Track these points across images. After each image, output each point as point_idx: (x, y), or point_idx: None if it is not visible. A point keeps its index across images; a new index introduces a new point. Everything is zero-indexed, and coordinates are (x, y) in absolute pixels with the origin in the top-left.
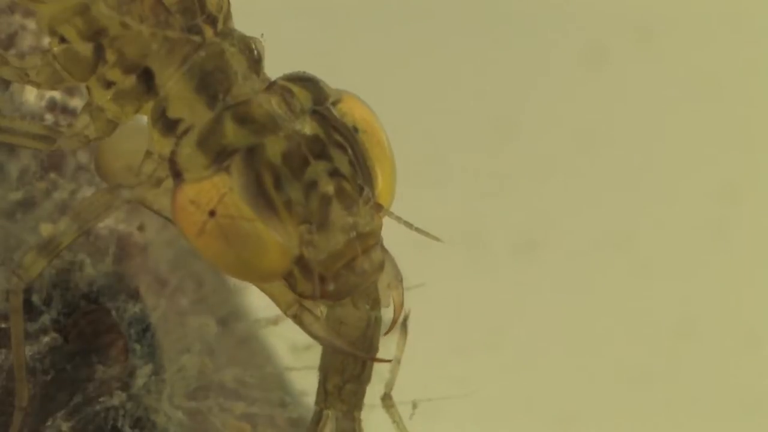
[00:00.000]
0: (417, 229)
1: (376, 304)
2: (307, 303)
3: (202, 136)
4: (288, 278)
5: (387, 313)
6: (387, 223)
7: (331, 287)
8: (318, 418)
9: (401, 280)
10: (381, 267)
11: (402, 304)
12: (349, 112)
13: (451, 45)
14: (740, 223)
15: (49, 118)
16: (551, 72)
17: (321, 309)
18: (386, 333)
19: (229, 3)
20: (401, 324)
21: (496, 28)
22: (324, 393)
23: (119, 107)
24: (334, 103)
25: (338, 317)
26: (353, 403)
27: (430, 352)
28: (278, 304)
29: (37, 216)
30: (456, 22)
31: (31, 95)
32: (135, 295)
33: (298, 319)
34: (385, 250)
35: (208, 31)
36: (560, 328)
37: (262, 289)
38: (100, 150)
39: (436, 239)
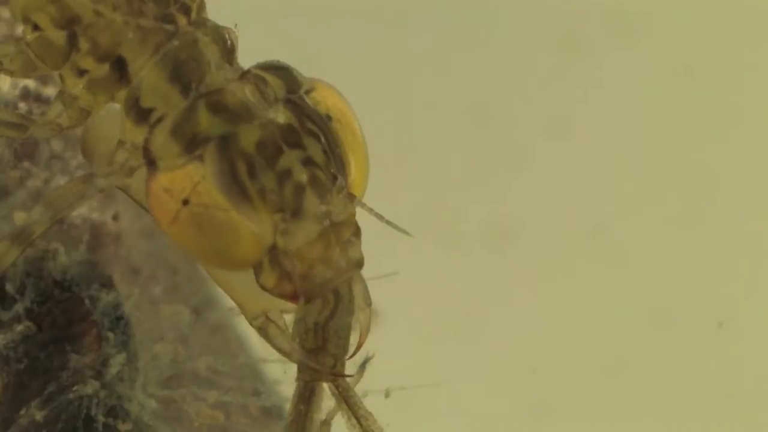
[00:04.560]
0: (387, 222)
1: (349, 306)
2: (273, 315)
3: (175, 125)
4: (255, 268)
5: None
6: (359, 210)
7: (304, 285)
8: None
9: (370, 304)
10: (359, 264)
11: (368, 329)
12: (323, 100)
13: (424, 33)
14: (713, 211)
15: (22, 106)
16: (525, 60)
17: (285, 322)
18: (350, 357)
19: None
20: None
21: (469, 15)
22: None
23: (92, 96)
24: (307, 92)
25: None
26: None
27: (403, 340)
28: (244, 314)
29: (11, 204)
30: (429, 9)
31: (5, 84)
32: (108, 284)
33: (263, 331)
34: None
35: (182, 20)
36: (533, 317)
37: (231, 297)
38: (87, 131)
39: (406, 233)
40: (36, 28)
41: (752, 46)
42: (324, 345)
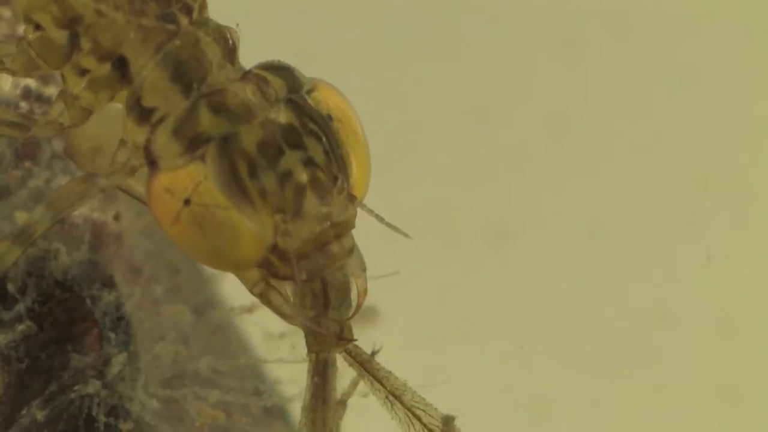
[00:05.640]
0: (387, 224)
1: (345, 292)
2: (274, 281)
3: (177, 125)
4: (266, 266)
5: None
6: (360, 211)
7: (300, 271)
8: None
9: (365, 269)
10: (350, 252)
11: (365, 291)
12: (324, 100)
13: (425, 32)
14: (714, 211)
15: (23, 106)
16: (526, 60)
17: (286, 287)
18: (349, 318)
19: None
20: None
21: (470, 15)
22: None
23: (93, 95)
24: (308, 92)
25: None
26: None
27: (403, 340)
28: (244, 282)
29: (12, 204)
30: (430, 9)
31: (6, 83)
32: (110, 284)
33: (264, 298)
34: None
35: (183, 20)
36: (535, 316)
37: None
38: (69, 132)
39: (406, 235)
40: (38, 27)
41: (752, 45)
42: (326, 308)
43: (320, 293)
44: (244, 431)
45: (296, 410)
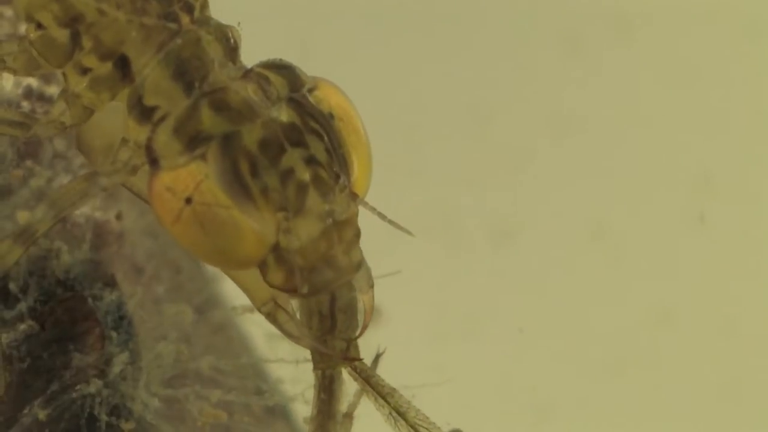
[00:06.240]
0: (390, 221)
1: (351, 305)
2: (281, 300)
3: (178, 123)
4: (261, 267)
5: None
6: (361, 209)
7: (306, 284)
8: None
9: (372, 286)
10: (359, 265)
11: (372, 309)
12: (326, 99)
13: (427, 33)
14: (716, 210)
15: (25, 105)
16: (527, 60)
17: (293, 308)
18: (356, 338)
19: None
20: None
21: (471, 15)
22: None
23: (95, 94)
24: (310, 90)
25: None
26: None
27: (405, 339)
28: (252, 300)
29: (14, 203)
30: (433, 10)
31: (8, 83)
32: (111, 283)
33: (271, 317)
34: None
35: (185, 19)
36: (536, 316)
37: (238, 284)
38: (83, 127)
39: (408, 232)
40: (39, 26)
41: (752, 45)
42: (332, 329)
43: (327, 314)
44: (245, 431)
45: (298, 410)
